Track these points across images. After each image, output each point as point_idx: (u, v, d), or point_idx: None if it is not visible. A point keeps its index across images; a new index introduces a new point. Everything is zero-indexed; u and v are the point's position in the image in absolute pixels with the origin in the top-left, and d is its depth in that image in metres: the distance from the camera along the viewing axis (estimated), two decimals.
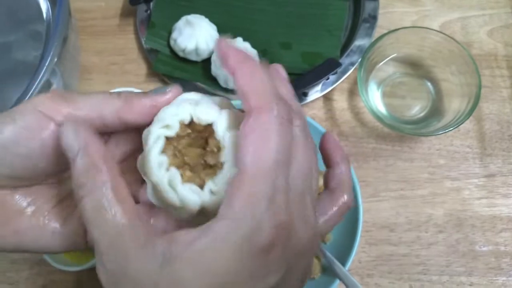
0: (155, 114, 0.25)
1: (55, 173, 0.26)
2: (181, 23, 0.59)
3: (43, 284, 0.52)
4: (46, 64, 0.47)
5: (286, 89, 0.25)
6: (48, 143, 0.24)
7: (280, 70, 0.27)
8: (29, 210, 0.26)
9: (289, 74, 0.58)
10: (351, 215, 0.49)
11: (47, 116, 0.24)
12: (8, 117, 0.24)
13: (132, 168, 0.26)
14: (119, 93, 0.25)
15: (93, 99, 0.25)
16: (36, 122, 0.24)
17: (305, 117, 0.24)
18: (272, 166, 0.20)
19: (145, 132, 0.25)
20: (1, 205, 0.26)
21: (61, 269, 0.48)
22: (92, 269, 0.50)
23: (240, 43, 0.57)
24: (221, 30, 0.60)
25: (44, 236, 0.26)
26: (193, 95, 0.26)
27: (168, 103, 0.25)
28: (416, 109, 0.58)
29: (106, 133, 0.27)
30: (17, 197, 0.26)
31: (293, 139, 0.22)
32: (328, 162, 0.28)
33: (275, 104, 0.21)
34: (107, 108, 0.25)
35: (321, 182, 0.51)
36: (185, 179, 0.24)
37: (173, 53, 0.60)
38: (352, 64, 0.58)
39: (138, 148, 0.26)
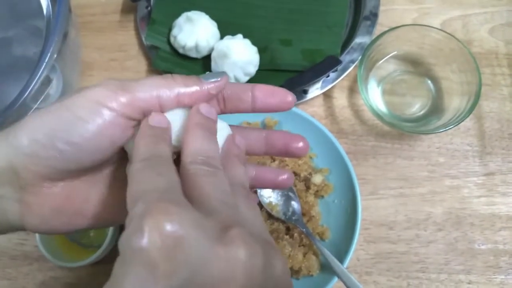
0: (206, 100, 0.27)
1: (111, 158, 0.27)
2: (181, 19, 0.59)
3: (42, 280, 0.52)
4: (46, 60, 0.47)
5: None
6: (116, 133, 0.25)
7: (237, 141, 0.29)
8: (94, 193, 0.28)
9: (289, 71, 0.59)
10: (350, 213, 0.49)
11: (108, 107, 0.25)
12: (69, 112, 0.24)
13: None
14: (174, 77, 0.27)
15: (153, 83, 0.26)
16: (99, 115, 0.24)
17: (245, 183, 0.27)
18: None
19: (129, 143, 0.27)
20: (71, 193, 0.27)
21: (61, 265, 0.48)
22: (92, 265, 0.50)
23: (240, 40, 0.57)
24: (221, 27, 0.59)
25: (107, 214, 0.28)
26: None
27: (219, 89, 0.27)
28: (416, 107, 0.58)
29: None
30: (82, 183, 0.27)
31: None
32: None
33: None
34: (165, 94, 0.26)
35: (319, 179, 0.52)
36: None
37: (173, 49, 0.60)
38: (353, 61, 0.58)
39: None
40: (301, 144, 0.30)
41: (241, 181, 0.26)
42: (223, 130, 0.28)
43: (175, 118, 0.27)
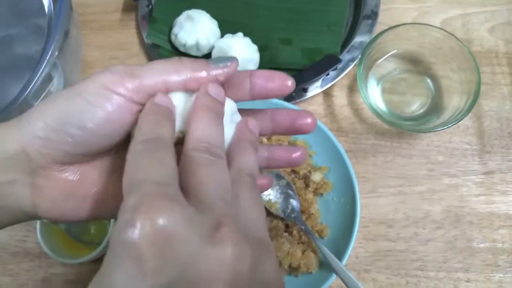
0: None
1: (121, 142, 0.28)
2: (182, 18, 0.59)
3: (43, 277, 0.53)
4: (47, 57, 0.47)
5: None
6: (125, 117, 0.25)
7: (250, 124, 0.28)
8: (104, 179, 0.28)
9: (289, 69, 0.59)
10: (348, 211, 0.50)
11: (117, 93, 0.25)
12: (79, 97, 0.25)
13: None
14: (181, 60, 0.26)
15: (160, 67, 0.26)
16: (108, 100, 0.25)
17: (255, 172, 0.26)
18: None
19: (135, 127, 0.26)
20: (81, 178, 0.27)
21: (62, 262, 0.49)
22: (93, 262, 0.50)
23: (240, 38, 0.57)
24: (222, 25, 0.60)
25: (117, 203, 0.28)
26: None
27: (227, 76, 0.27)
28: (416, 106, 0.58)
29: None
30: (92, 168, 0.28)
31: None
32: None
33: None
34: (173, 78, 0.26)
35: (319, 177, 0.52)
36: None
37: (174, 48, 0.60)
38: (353, 60, 0.58)
39: None
40: (309, 120, 0.30)
41: (250, 169, 0.25)
42: (231, 112, 0.28)
43: (178, 104, 0.26)
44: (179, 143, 0.26)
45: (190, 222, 0.19)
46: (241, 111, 0.30)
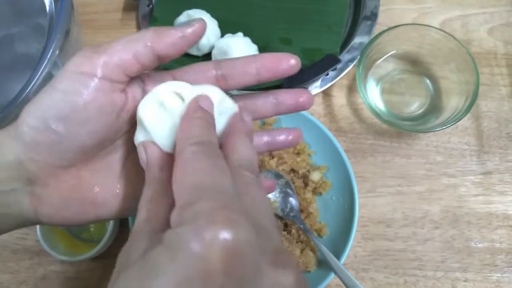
0: (184, 46, 0.26)
1: (114, 135, 0.27)
2: (182, 18, 0.59)
3: (43, 274, 0.53)
4: (48, 56, 0.47)
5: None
6: (100, 98, 0.25)
7: (245, 119, 0.28)
8: (101, 181, 0.28)
9: None
10: (347, 210, 0.50)
11: (87, 73, 0.24)
12: (52, 88, 0.25)
13: None
14: (146, 29, 0.26)
15: (123, 40, 0.25)
16: (79, 83, 0.24)
17: (255, 163, 0.26)
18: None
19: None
20: (78, 182, 0.27)
21: (61, 259, 0.49)
22: (92, 259, 0.50)
23: (240, 38, 0.57)
24: (222, 25, 0.60)
25: (118, 203, 0.28)
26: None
27: (194, 35, 0.26)
28: (415, 106, 0.58)
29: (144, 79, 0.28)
30: (88, 171, 0.27)
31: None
32: None
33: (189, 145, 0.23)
34: (139, 44, 0.25)
35: (318, 176, 0.52)
36: None
37: None
38: (352, 60, 0.59)
39: None
40: (305, 95, 0.30)
41: (249, 160, 0.25)
42: (219, 102, 0.28)
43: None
44: None
45: (258, 243, 0.19)
46: (242, 95, 0.30)
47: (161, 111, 0.26)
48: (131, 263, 0.20)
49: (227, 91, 0.29)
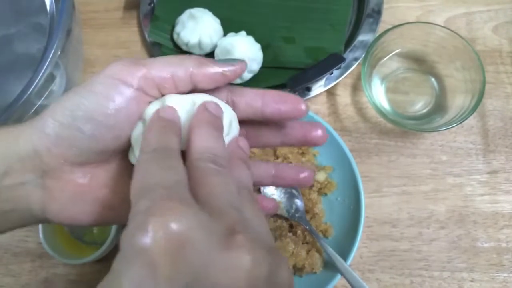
0: (221, 82, 0.27)
1: (127, 143, 0.27)
2: (184, 16, 0.58)
3: (45, 277, 0.52)
4: (50, 56, 0.47)
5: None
6: (132, 107, 0.25)
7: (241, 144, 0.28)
8: (113, 183, 0.28)
9: (292, 68, 0.59)
10: (353, 210, 0.49)
11: (125, 82, 0.25)
12: (86, 89, 0.25)
13: None
14: (189, 56, 0.27)
15: (167, 60, 0.26)
16: (115, 89, 0.25)
17: (250, 187, 0.26)
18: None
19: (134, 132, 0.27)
20: (91, 181, 0.27)
21: (64, 262, 0.48)
22: (95, 262, 0.50)
23: (243, 37, 0.56)
24: (225, 24, 0.59)
25: (126, 208, 0.28)
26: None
27: (233, 75, 0.27)
28: (420, 105, 0.58)
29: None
30: (102, 172, 0.27)
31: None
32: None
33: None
34: (180, 69, 0.26)
35: (323, 177, 0.52)
36: None
37: (176, 46, 0.60)
38: (356, 59, 0.58)
39: None
40: (320, 132, 0.30)
41: (246, 184, 0.26)
42: (229, 122, 0.28)
43: (182, 116, 0.26)
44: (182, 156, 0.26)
45: (204, 227, 0.19)
46: (250, 122, 0.30)
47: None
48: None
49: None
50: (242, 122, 0.29)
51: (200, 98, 0.27)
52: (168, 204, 0.19)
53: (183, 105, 0.26)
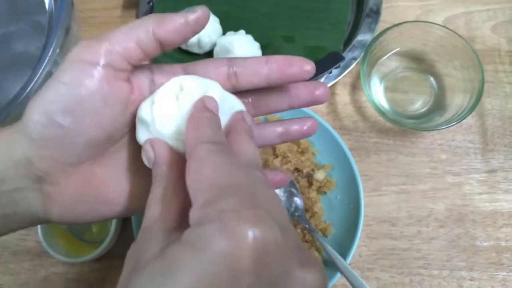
0: (187, 32, 0.26)
1: (121, 128, 0.27)
2: None
3: (44, 276, 0.52)
4: (49, 55, 0.46)
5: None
6: (104, 88, 0.24)
7: (243, 116, 0.28)
8: (112, 177, 0.27)
9: None
10: (352, 209, 0.49)
11: (90, 62, 0.24)
12: (55, 81, 0.24)
13: None
14: (148, 16, 0.26)
15: (125, 27, 0.25)
16: (82, 73, 0.24)
17: (260, 165, 0.25)
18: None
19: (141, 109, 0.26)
20: (89, 178, 0.26)
21: (63, 261, 0.48)
22: (94, 261, 0.50)
23: (242, 35, 0.56)
24: (224, 23, 0.59)
25: (128, 200, 0.28)
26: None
27: (198, 21, 0.26)
28: (419, 104, 0.58)
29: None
30: (98, 168, 0.27)
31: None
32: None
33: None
34: (141, 31, 0.25)
35: (322, 175, 0.51)
36: None
37: None
38: (355, 58, 0.58)
39: None
40: (321, 88, 0.29)
41: (256, 162, 0.24)
42: (232, 108, 0.27)
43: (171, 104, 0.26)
44: None
45: (284, 242, 0.19)
46: (255, 90, 0.29)
47: (169, 108, 0.26)
48: (146, 262, 0.19)
49: (236, 90, 0.29)
50: (246, 91, 0.29)
51: (186, 80, 0.26)
52: (256, 212, 0.18)
53: (174, 93, 0.26)
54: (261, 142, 0.30)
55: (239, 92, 0.29)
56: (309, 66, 0.27)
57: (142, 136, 0.26)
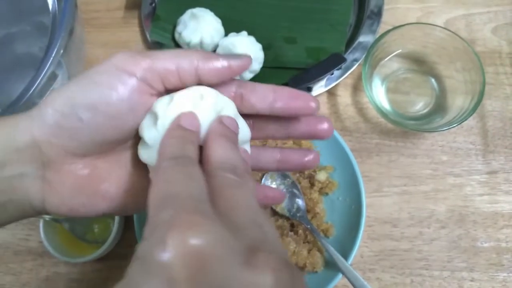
0: (225, 75, 0.27)
1: (134, 134, 0.27)
2: (186, 16, 0.59)
3: (46, 276, 0.52)
4: (52, 55, 0.47)
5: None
6: (134, 98, 0.25)
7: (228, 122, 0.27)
8: (114, 175, 0.28)
9: (294, 68, 0.59)
10: (354, 210, 0.50)
11: (128, 71, 0.25)
12: (88, 79, 0.25)
13: None
14: (195, 50, 0.27)
15: (172, 53, 0.26)
16: (118, 79, 0.25)
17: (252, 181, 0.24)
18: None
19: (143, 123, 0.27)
20: (91, 172, 0.27)
21: (65, 261, 0.48)
22: (96, 261, 0.50)
23: (245, 37, 0.57)
24: (226, 24, 0.59)
25: (127, 199, 0.28)
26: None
27: (239, 68, 0.27)
28: (420, 105, 0.58)
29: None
30: (102, 163, 0.27)
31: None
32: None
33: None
34: (185, 62, 0.26)
35: (324, 176, 0.52)
36: None
37: (178, 46, 0.60)
38: (356, 60, 0.58)
39: None
40: (326, 125, 0.29)
41: (231, 163, 0.24)
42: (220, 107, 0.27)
43: (190, 109, 0.26)
44: None
45: (226, 244, 0.18)
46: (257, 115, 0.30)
47: (185, 110, 0.26)
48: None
49: (240, 112, 0.29)
50: (249, 114, 0.29)
51: (208, 92, 0.27)
52: (190, 218, 0.18)
53: (192, 100, 0.26)
54: (257, 165, 0.31)
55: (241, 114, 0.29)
56: (314, 103, 0.28)
57: (146, 131, 0.26)
